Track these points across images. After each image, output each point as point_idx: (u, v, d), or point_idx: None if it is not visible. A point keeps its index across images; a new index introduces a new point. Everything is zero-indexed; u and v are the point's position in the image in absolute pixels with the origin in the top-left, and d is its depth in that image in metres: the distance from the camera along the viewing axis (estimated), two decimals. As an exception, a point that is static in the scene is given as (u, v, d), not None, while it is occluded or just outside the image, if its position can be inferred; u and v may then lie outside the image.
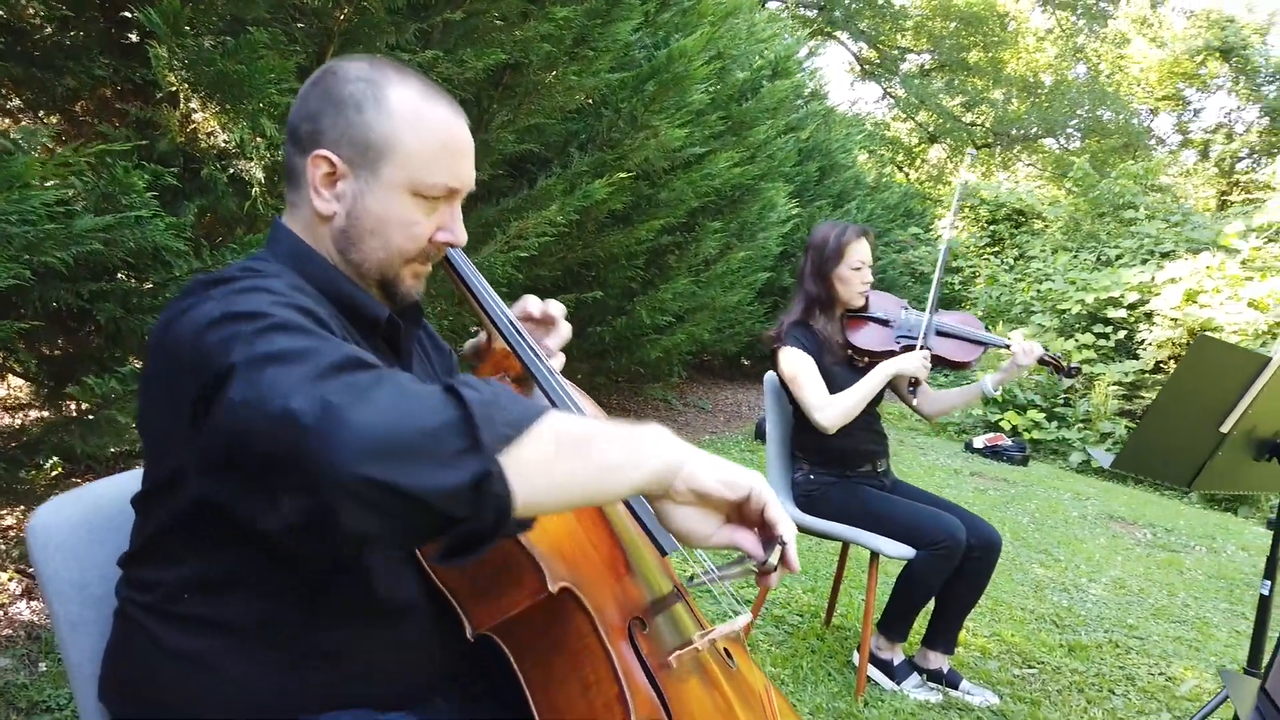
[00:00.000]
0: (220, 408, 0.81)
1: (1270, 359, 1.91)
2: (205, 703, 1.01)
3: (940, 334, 2.94)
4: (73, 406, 2.93)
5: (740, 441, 6.86)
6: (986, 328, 3.05)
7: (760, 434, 6.75)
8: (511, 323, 1.24)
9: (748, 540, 0.98)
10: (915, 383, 2.91)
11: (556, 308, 1.35)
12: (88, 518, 1.16)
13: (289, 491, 0.76)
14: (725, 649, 1.29)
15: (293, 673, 1.02)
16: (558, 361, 1.30)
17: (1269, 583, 2.07)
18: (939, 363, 2.93)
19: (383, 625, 1.09)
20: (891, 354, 2.90)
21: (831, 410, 2.75)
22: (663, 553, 1.16)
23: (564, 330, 1.37)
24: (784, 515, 0.97)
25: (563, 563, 1.06)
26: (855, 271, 2.87)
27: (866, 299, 2.98)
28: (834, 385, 2.83)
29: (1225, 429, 1.97)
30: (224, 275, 1.00)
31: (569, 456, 0.82)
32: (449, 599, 1.07)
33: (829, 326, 2.92)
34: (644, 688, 1.07)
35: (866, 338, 2.94)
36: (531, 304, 1.37)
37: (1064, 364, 2.87)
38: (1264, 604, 2.06)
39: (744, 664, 1.30)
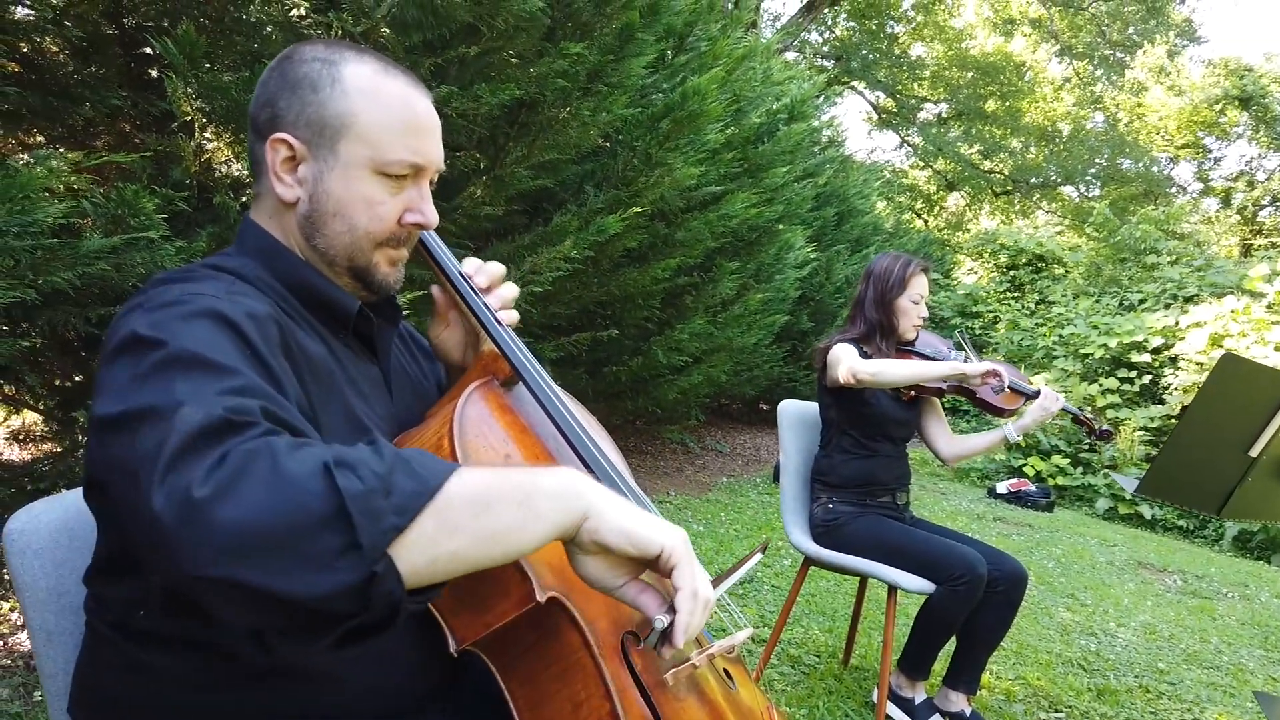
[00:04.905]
0: (91, 457, 0.83)
1: (1299, 380, 1.84)
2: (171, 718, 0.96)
3: None
4: (81, 437, 2.93)
5: (758, 484, 6.77)
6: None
7: (777, 476, 6.66)
8: (500, 325, 1.20)
9: (650, 603, 0.92)
10: (999, 381, 2.77)
11: (497, 268, 1.26)
12: (68, 523, 1.13)
13: (157, 575, 0.73)
14: (725, 669, 1.23)
15: (259, 688, 0.97)
16: (508, 316, 1.23)
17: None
18: (983, 406, 2.92)
19: (355, 639, 1.04)
20: (940, 392, 2.92)
21: (873, 363, 2.72)
22: None
23: (509, 291, 1.28)
24: (692, 585, 0.89)
25: (550, 571, 1.00)
26: (914, 304, 2.89)
27: (917, 334, 2.96)
28: (881, 413, 2.84)
29: (1254, 453, 1.90)
30: (173, 276, 0.98)
31: (460, 531, 0.78)
32: (430, 611, 1.00)
33: (885, 353, 2.89)
34: (638, 706, 1.01)
35: None
36: (469, 265, 1.26)
37: (1097, 426, 2.85)
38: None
39: (744, 685, 1.24)
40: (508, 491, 0.81)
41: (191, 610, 0.94)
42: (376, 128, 1.04)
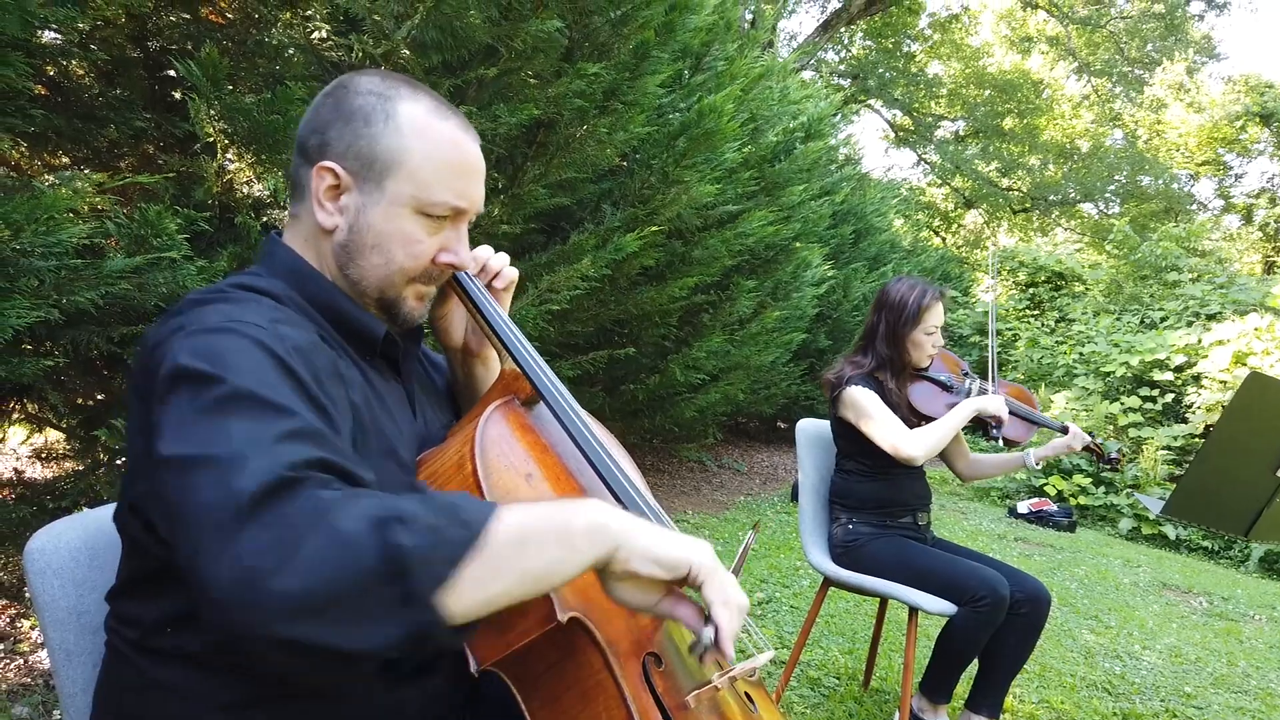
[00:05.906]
0: (140, 489, 0.90)
1: (1328, 399, 1.81)
2: None
3: None
4: (104, 456, 2.95)
5: (776, 503, 6.74)
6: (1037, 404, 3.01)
7: (796, 495, 6.62)
8: (522, 344, 1.20)
9: (687, 614, 0.95)
10: (999, 422, 2.79)
11: (498, 260, 1.29)
12: (89, 542, 1.13)
13: (215, 629, 0.73)
14: (746, 692, 1.21)
15: (282, 705, 0.98)
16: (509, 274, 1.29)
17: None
18: (989, 436, 2.90)
19: (403, 675, 1.03)
20: None
21: (920, 441, 2.65)
22: None
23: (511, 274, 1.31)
24: (723, 595, 0.93)
25: (572, 590, 1.00)
26: (929, 336, 2.84)
27: (932, 360, 2.94)
28: None
29: (1282, 474, 1.87)
30: (209, 296, 0.97)
31: (505, 572, 0.80)
32: None
33: (897, 388, 2.86)
34: (661, 727, 1.00)
35: (927, 399, 2.88)
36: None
37: (1105, 452, 2.88)
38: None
39: (765, 708, 1.22)
40: (544, 530, 0.84)
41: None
42: (425, 168, 1.06)
